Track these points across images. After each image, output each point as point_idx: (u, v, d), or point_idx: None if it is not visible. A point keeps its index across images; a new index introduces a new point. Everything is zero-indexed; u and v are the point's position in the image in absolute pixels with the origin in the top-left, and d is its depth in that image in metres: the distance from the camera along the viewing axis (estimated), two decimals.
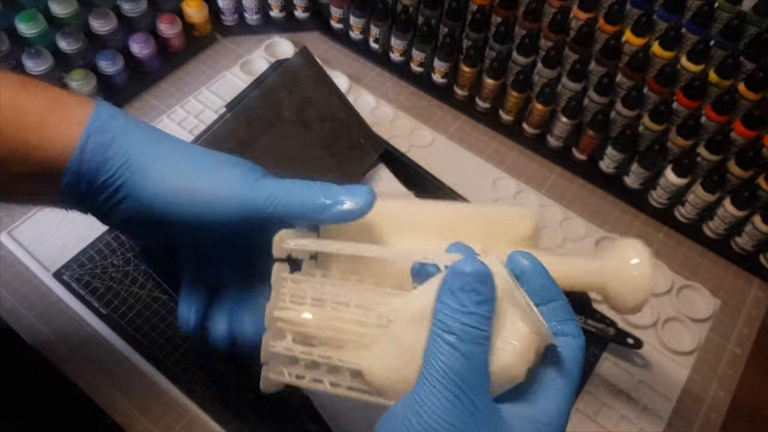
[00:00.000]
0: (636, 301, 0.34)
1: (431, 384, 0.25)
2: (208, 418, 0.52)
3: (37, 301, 0.57)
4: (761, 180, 0.61)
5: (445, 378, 0.25)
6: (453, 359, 0.25)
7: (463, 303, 0.25)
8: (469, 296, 0.26)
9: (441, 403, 0.24)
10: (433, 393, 0.25)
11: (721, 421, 0.56)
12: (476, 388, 0.25)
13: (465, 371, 0.25)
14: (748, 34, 0.61)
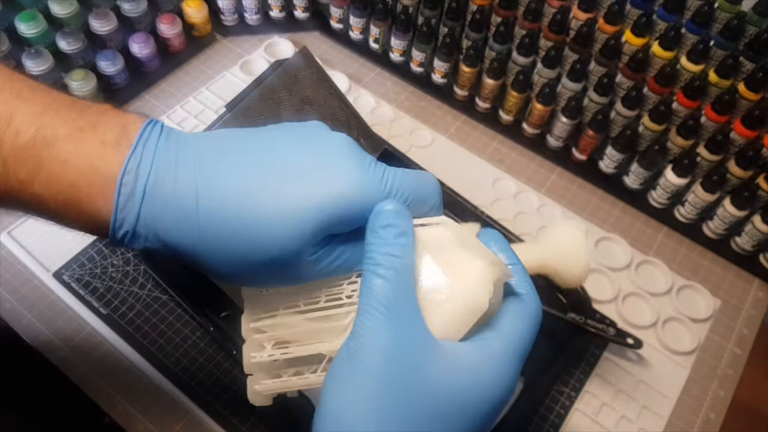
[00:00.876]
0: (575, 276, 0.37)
1: (365, 311, 0.27)
2: (208, 418, 0.52)
3: (37, 301, 0.57)
4: (761, 180, 0.61)
5: (376, 303, 0.27)
6: (380, 286, 0.27)
7: (383, 237, 0.28)
8: (387, 230, 0.28)
9: (373, 324, 0.26)
10: (367, 318, 0.27)
11: (721, 421, 0.56)
12: (405, 310, 0.27)
13: (391, 294, 0.27)
14: (747, 34, 0.61)
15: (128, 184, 0.27)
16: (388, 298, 0.27)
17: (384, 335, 0.26)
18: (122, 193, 0.27)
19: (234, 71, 0.79)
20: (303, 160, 0.29)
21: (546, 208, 0.70)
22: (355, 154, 0.30)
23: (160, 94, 0.76)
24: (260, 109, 0.57)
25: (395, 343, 0.26)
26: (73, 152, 0.27)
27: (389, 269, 0.27)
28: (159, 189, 0.28)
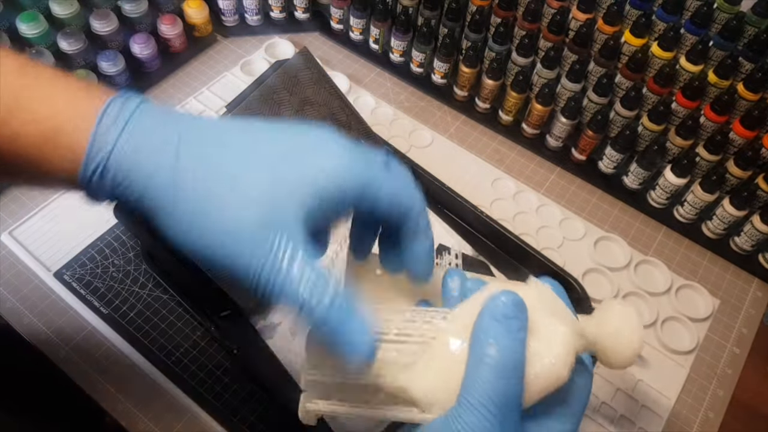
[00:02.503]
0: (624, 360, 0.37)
1: (471, 405, 0.26)
2: (208, 417, 0.52)
3: (37, 301, 0.58)
4: (760, 180, 0.62)
5: (485, 400, 0.26)
6: (494, 383, 0.26)
7: (503, 330, 0.27)
8: (510, 323, 0.27)
9: (480, 423, 0.25)
10: (473, 413, 0.26)
11: (720, 420, 0.57)
12: (513, 412, 0.26)
13: (504, 395, 0.26)
14: (746, 35, 0.61)
15: (111, 114, 0.27)
16: (503, 399, 0.26)
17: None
18: (103, 122, 0.27)
19: (234, 72, 0.79)
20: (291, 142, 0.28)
21: (545, 207, 0.70)
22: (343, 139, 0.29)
23: (160, 95, 0.76)
24: (260, 109, 0.57)
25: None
26: (56, 91, 0.27)
27: (505, 365, 0.26)
28: (141, 126, 0.27)
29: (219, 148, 0.27)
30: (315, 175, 0.27)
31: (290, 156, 0.27)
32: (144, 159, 0.26)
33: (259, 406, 0.53)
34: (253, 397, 0.53)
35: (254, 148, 0.27)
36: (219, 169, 0.26)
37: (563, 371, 0.27)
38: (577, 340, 0.28)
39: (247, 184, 0.26)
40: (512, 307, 0.27)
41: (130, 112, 0.27)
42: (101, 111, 0.27)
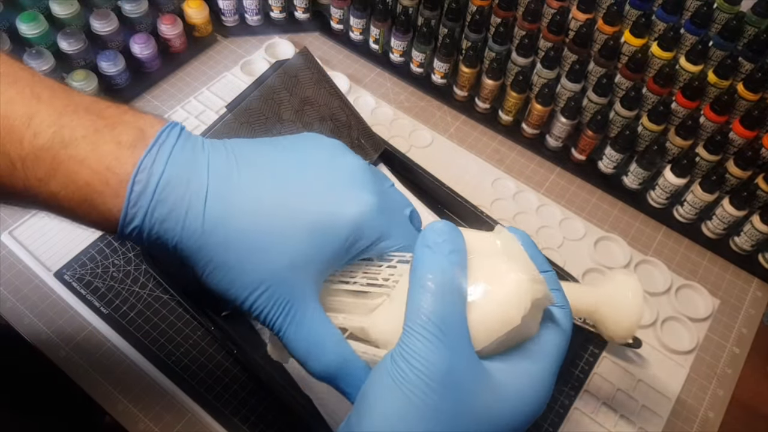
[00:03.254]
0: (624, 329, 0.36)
1: (414, 330, 0.26)
2: (208, 417, 0.52)
3: (38, 301, 0.58)
4: (760, 180, 0.62)
5: (426, 323, 0.26)
6: (430, 304, 0.26)
7: (436, 252, 0.28)
8: (440, 246, 0.28)
9: (424, 346, 0.26)
10: (416, 337, 0.26)
11: (720, 420, 0.57)
12: (457, 334, 0.26)
13: (442, 315, 0.26)
14: (746, 35, 0.61)
15: (141, 182, 0.28)
16: (441, 319, 0.26)
17: (436, 362, 0.26)
18: (134, 190, 0.28)
19: (235, 72, 0.79)
20: (320, 186, 0.29)
21: (545, 207, 0.70)
22: (374, 181, 0.31)
23: (161, 95, 0.76)
24: (261, 109, 0.57)
25: (447, 372, 0.26)
26: (90, 153, 0.28)
27: (440, 286, 0.27)
28: (170, 190, 0.28)
29: (247, 216, 0.28)
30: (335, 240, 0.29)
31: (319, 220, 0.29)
32: (174, 221, 0.28)
33: (259, 406, 0.53)
34: (253, 397, 0.53)
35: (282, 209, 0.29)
36: (243, 235, 0.28)
37: (513, 313, 0.27)
38: (536, 289, 0.28)
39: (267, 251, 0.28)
40: (441, 232, 0.28)
41: (159, 173, 0.28)
42: (132, 177, 0.28)
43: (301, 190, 0.29)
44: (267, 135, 0.57)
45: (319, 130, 0.60)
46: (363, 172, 0.31)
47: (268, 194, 0.28)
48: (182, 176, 0.28)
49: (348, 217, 0.29)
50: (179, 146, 0.29)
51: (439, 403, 0.25)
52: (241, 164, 0.29)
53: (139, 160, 0.28)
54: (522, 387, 0.28)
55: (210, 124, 0.55)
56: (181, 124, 0.30)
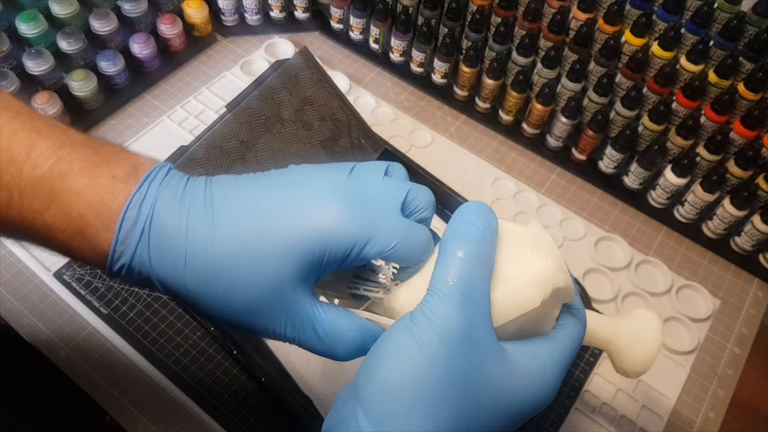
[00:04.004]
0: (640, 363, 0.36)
1: (438, 290, 0.27)
2: (208, 417, 0.52)
3: (37, 301, 0.58)
4: (760, 180, 0.61)
5: (450, 286, 0.27)
6: (457, 270, 0.27)
7: (470, 222, 0.29)
8: (475, 222, 0.29)
9: (446, 305, 0.26)
10: (440, 297, 0.27)
11: (720, 420, 0.56)
12: (477, 300, 0.27)
13: (468, 281, 0.27)
14: (747, 35, 0.61)
15: (130, 219, 0.28)
16: (467, 285, 0.27)
17: (456, 322, 0.26)
18: (123, 227, 0.28)
19: (234, 71, 0.79)
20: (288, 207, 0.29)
21: (545, 207, 0.70)
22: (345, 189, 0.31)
23: (160, 95, 0.76)
24: (260, 109, 0.57)
25: (465, 333, 0.26)
26: (86, 185, 0.29)
27: (469, 256, 0.28)
28: (157, 227, 0.29)
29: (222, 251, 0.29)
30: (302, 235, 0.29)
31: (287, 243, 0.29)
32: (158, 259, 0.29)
33: (258, 407, 0.53)
34: (253, 397, 0.53)
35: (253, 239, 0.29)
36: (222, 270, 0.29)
37: (534, 295, 0.28)
38: (559, 278, 0.28)
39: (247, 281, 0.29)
40: (478, 209, 0.29)
41: (147, 212, 0.29)
42: (122, 212, 0.28)
43: (270, 218, 0.29)
44: (267, 134, 0.57)
45: (319, 130, 0.60)
46: (332, 183, 0.30)
47: (241, 229, 0.29)
48: (168, 216, 0.29)
49: (313, 231, 0.29)
50: (167, 183, 0.30)
51: (454, 362, 0.26)
52: (216, 204, 0.29)
53: (131, 195, 0.29)
54: (535, 370, 0.28)
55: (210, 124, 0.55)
56: (170, 164, 0.31)
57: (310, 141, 0.60)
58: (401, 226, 0.30)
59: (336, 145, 0.62)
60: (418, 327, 0.26)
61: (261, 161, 0.55)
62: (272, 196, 0.30)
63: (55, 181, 0.28)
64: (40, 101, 0.66)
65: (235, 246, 0.28)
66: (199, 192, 0.30)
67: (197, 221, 0.29)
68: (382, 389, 0.26)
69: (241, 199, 0.30)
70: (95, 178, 0.29)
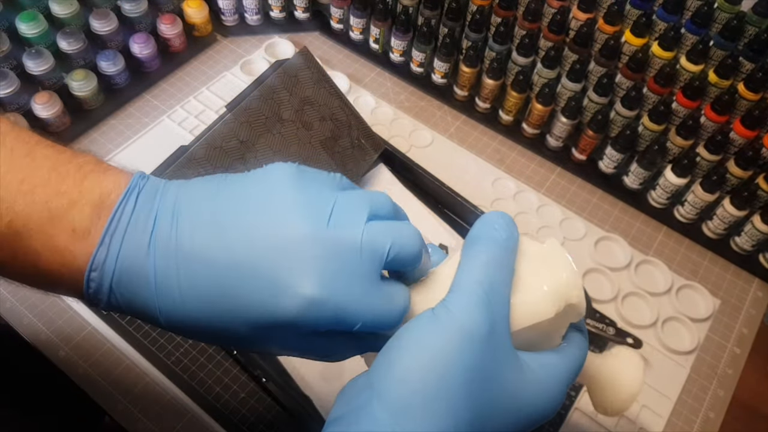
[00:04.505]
0: (618, 404, 0.36)
1: (462, 289, 0.27)
2: (208, 417, 0.52)
3: (37, 301, 0.58)
4: (760, 180, 0.61)
5: (474, 285, 0.27)
6: (482, 272, 0.28)
7: (494, 230, 0.30)
8: (499, 230, 0.29)
9: (471, 303, 0.27)
10: (464, 295, 0.27)
11: (720, 420, 0.56)
12: (499, 303, 0.28)
13: (491, 283, 0.28)
14: (747, 35, 0.61)
15: (95, 280, 0.28)
16: (490, 286, 0.27)
17: (481, 321, 0.26)
18: (91, 286, 0.28)
19: (234, 71, 0.79)
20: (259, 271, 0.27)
21: (546, 207, 0.70)
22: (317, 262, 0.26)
23: (160, 94, 0.76)
24: (260, 109, 0.57)
25: (489, 333, 0.26)
26: (45, 247, 0.27)
27: (493, 260, 0.28)
28: (125, 285, 0.28)
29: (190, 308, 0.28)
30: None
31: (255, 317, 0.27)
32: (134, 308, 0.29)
33: (258, 407, 0.53)
34: (253, 397, 0.53)
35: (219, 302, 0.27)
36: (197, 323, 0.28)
37: (549, 307, 0.29)
38: (573, 294, 0.29)
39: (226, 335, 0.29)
40: (503, 218, 0.30)
41: (110, 273, 0.28)
42: (86, 276, 0.28)
43: (236, 288, 0.27)
44: (267, 134, 0.57)
45: (319, 130, 0.60)
46: (309, 241, 0.27)
47: (208, 293, 0.27)
48: (135, 273, 0.28)
49: (282, 316, 0.26)
50: (132, 228, 0.28)
51: (475, 361, 0.26)
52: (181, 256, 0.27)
53: (92, 256, 0.27)
54: (545, 380, 0.29)
55: (210, 124, 0.55)
56: (139, 181, 0.29)
57: (310, 141, 0.60)
58: (375, 302, 0.27)
59: (336, 145, 0.62)
60: (442, 322, 0.26)
61: (261, 161, 0.55)
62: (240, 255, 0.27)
63: (13, 240, 0.27)
64: (40, 101, 0.66)
65: (204, 309, 0.28)
66: (165, 234, 0.28)
67: (164, 278, 0.27)
68: (401, 380, 0.26)
69: (208, 251, 0.27)
70: (53, 236, 0.27)
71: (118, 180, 0.29)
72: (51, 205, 0.27)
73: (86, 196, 0.28)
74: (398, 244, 0.28)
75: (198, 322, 0.28)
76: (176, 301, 0.28)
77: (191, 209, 0.28)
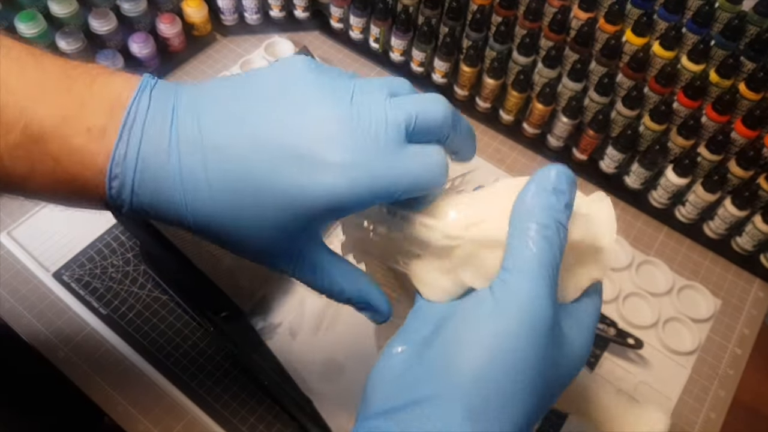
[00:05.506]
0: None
1: (526, 271, 0.26)
2: (207, 418, 0.52)
3: (36, 302, 0.57)
4: (761, 180, 0.61)
5: (540, 268, 0.26)
6: (547, 252, 0.26)
7: (555, 201, 0.27)
8: (560, 197, 0.27)
9: (537, 292, 0.25)
10: (531, 281, 0.25)
11: (721, 421, 0.56)
12: (556, 283, 0.26)
13: (554, 263, 0.26)
14: (748, 34, 0.61)
15: (118, 178, 0.27)
16: (554, 269, 0.26)
17: (547, 308, 0.25)
18: (113, 186, 0.27)
19: (234, 71, 0.79)
20: (287, 152, 0.27)
21: None
22: (345, 137, 0.27)
23: None
24: None
25: (554, 322, 0.26)
26: (62, 149, 0.27)
27: (555, 238, 0.26)
28: (147, 180, 0.27)
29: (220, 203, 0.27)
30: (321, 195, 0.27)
31: (284, 203, 0.27)
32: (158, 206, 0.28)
33: (258, 408, 0.53)
34: (253, 398, 0.53)
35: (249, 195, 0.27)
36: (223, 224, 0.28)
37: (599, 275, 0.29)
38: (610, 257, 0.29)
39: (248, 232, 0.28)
40: (561, 179, 0.27)
41: (132, 167, 0.27)
42: (108, 173, 0.27)
43: (266, 171, 0.27)
44: None
45: None
46: (335, 120, 0.27)
47: (238, 179, 0.27)
48: (158, 167, 0.27)
49: (313, 196, 0.26)
50: (150, 124, 0.27)
51: (545, 351, 0.25)
52: (207, 145, 0.27)
53: (112, 152, 0.27)
54: (580, 345, 0.28)
55: None
56: (149, 80, 0.29)
57: None
58: (410, 163, 0.27)
59: None
60: (510, 311, 0.25)
61: None
62: (268, 139, 0.27)
63: (30, 148, 0.27)
64: None
65: (234, 202, 0.27)
66: (187, 129, 0.27)
67: (191, 173, 0.27)
68: (475, 379, 0.25)
69: (236, 140, 0.27)
70: (69, 138, 0.27)
71: (128, 80, 0.28)
72: (64, 108, 0.27)
73: (97, 96, 0.27)
74: (422, 109, 0.28)
75: (226, 220, 0.27)
76: (204, 196, 0.27)
77: (211, 103, 0.28)
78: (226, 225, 0.28)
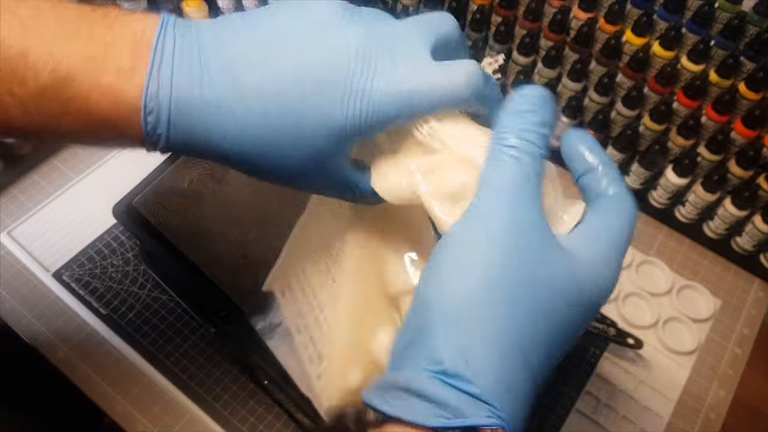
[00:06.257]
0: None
1: (492, 192, 0.26)
2: (207, 417, 0.52)
3: (36, 302, 0.57)
4: (762, 180, 0.61)
5: (507, 188, 0.26)
6: (514, 171, 0.26)
7: (522, 119, 0.27)
8: (527, 116, 0.27)
9: (504, 210, 0.26)
10: (496, 201, 0.26)
11: (721, 421, 0.56)
12: (533, 202, 0.26)
13: (524, 183, 0.26)
14: (748, 34, 0.61)
15: (153, 112, 0.28)
16: (519, 185, 0.26)
17: (506, 219, 0.25)
18: (149, 122, 0.28)
19: None
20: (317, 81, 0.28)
21: None
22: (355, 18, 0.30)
23: None
24: None
25: (524, 231, 0.25)
26: (93, 89, 0.27)
27: (524, 153, 0.26)
28: (183, 111, 0.28)
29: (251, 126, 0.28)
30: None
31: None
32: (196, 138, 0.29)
33: (258, 407, 0.53)
34: (253, 397, 0.53)
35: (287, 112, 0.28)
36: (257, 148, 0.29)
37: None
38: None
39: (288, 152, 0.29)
40: (532, 99, 0.28)
41: (167, 98, 0.28)
42: (142, 109, 0.28)
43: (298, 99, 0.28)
44: None
45: None
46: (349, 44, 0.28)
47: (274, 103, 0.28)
48: (190, 96, 0.28)
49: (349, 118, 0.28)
50: (179, 59, 0.28)
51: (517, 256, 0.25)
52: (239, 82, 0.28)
53: (144, 88, 0.27)
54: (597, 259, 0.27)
55: None
56: (170, 18, 0.29)
57: None
58: (438, 77, 0.29)
59: None
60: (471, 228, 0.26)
61: None
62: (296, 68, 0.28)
63: (61, 88, 0.27)
64: None
65: (269, 126, 0.28)
66: (218, 62, 0.28)
67: (227, 103, 0.28)
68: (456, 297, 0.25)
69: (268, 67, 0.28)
70: (99, 77, 0.27)
71: (147, 20, 0.29)
72: (89, 50, 0.28)
73: (119, 37, 0.28)
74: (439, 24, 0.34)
75: (264, 147, 0.29)
76: (242, 123, 0.28)
77: (240, 33, 0.29)
78: (263, 151, 0.29)
